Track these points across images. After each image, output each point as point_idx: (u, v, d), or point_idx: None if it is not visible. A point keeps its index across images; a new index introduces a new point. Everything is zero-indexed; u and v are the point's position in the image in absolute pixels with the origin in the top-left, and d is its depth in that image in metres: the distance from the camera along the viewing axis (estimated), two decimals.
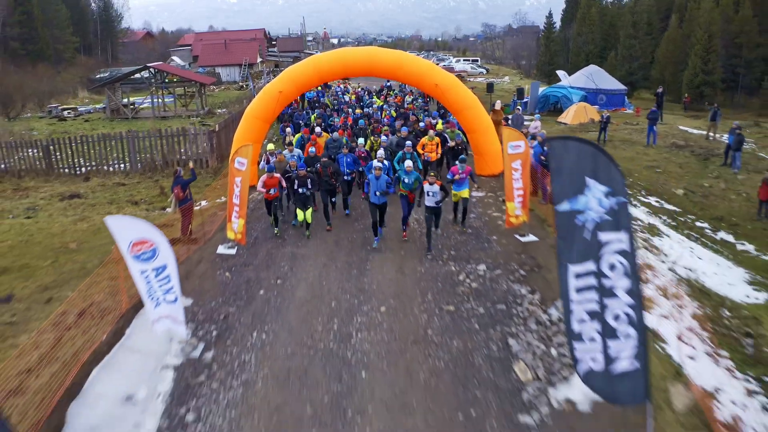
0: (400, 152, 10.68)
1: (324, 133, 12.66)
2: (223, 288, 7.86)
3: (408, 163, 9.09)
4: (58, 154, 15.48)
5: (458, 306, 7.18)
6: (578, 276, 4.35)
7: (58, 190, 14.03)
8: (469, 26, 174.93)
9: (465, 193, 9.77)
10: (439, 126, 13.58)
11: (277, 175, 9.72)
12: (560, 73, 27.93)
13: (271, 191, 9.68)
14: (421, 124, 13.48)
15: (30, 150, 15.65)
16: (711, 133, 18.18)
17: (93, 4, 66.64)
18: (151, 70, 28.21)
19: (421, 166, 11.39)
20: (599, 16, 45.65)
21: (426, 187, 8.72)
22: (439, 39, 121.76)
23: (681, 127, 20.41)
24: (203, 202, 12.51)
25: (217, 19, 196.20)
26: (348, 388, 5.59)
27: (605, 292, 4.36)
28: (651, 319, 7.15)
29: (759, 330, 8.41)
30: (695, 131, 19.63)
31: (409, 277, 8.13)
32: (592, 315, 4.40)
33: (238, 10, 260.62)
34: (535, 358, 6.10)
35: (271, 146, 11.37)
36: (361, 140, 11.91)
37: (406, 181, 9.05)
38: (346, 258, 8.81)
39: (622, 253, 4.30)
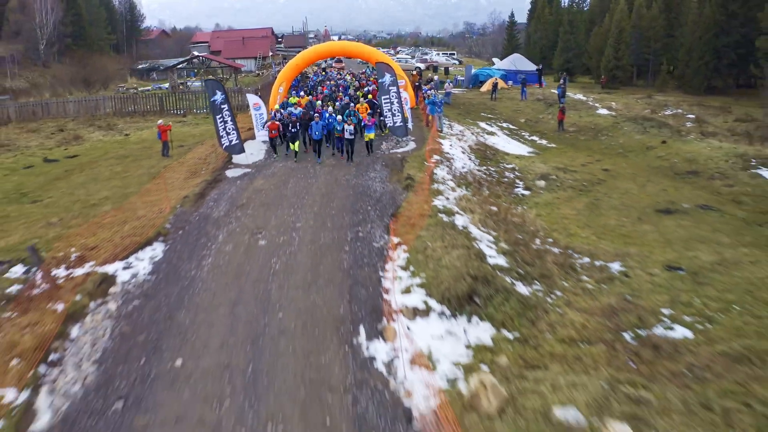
0: (348, 110, 18.15)
1: (305, 97, 24.53)
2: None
3: (338, 117, 16.73)
4: (166, 102, 28.06)
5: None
6: (383, 97, 16.75)
7: (170, 120, 26.44)
8: (474, 21, 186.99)
9: (371, 135, 17.16)
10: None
11: (278, 122, 17.33)
12: (495, 59, 40.21)
13: (273, 132, 17.27)
14: (366, 89, 25.59)
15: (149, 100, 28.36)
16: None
17: (117, 3, 79.54)
18: (199, 58, 40.87)
19: (355, 121, 17.87)
20: (555, 16, 57.88)
21: (345, 127, 16.31)
22: (436, 36, 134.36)
23: (552, 90, 32.63)
24: None
25: (220, 18, 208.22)
26: (313, 178, 17.78)
27: (390, 102, 16.70)
28: (444, 141, 19.31)
29: (500, 156, 20.52)
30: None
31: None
32: (387, 110, 16.77)
33: (240, 8, 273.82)
34: (390, 144, 18.36)
35: (276, 106, 23.43)
36: (319, 102, 20.32)
37: (338, 127, 16.62)
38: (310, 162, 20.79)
39: (395, 92, 16.63)
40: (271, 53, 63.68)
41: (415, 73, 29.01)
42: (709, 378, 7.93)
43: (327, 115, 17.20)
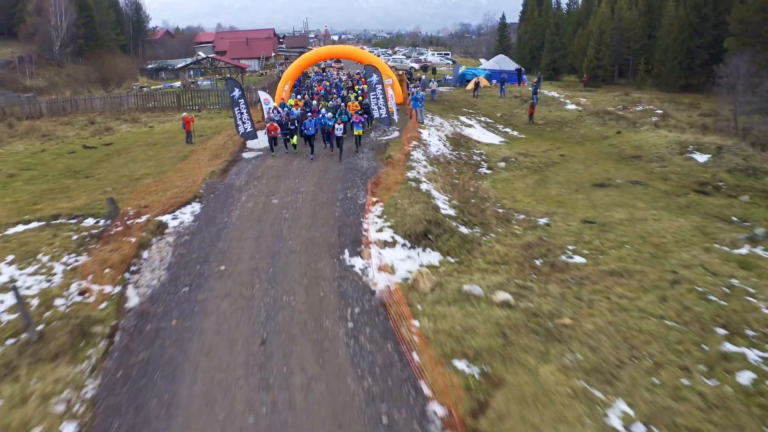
0: (339, 109, 20.63)
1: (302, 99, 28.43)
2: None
3: (329, 114, 18.94)
4: (182, 99, 31.96)
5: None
6: (371, 93, 20.63)
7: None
8: (469, 22, 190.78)
9: (359, 131, 19.46)
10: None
11: (276, 124, 19.24)
12: (482, 60, 44.06)
13: (272, 132, 19.30)
14: (359, 89, 29.43)
15: (167, 97, 32.28)
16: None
17: (123, 5, 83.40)
18: (207, 58, 44.83)
19: (346, 119, 20.04)
20: (544, 18, 61.75)
21: (336, 125, 18.47)
22: (435, 36, 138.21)
23: (529, 88, 36.45)
24: None
25: (220, 17, 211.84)
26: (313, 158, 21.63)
27: (377, 97, 20.59)
28: (423, 131, 23.11)
29: (472, 143, 24.35)
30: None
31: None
32: (374, 104, 20.64)
33: (240, 8, 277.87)
34: (378, 133, 22.20)
35: (275, 104, 27.26)
36: (314, 102, 25.21)
37: (329, 123, 18.69)
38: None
39: (381, 89, 20.51)
40: (273, 53, 67.71)
41: (402, 73, 32.93)
42: (585, 283, 11.72)
43: (320, 115, 19.39)
